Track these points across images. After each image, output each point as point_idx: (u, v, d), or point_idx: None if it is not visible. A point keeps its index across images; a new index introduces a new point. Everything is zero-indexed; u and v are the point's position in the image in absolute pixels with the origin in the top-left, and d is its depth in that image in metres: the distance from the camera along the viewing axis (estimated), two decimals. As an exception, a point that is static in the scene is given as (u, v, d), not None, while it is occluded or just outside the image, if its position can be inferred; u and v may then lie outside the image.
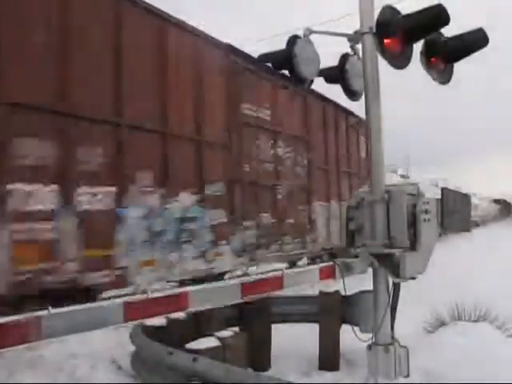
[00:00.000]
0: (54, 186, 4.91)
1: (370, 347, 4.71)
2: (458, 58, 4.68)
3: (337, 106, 12.33)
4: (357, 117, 13.00)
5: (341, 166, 12.79)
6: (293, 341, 6.06)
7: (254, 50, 6.87)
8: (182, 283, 6.76)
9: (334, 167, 12.41)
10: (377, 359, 4.64)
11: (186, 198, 6.64)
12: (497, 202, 52.20)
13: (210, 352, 4.09)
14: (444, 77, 4.79)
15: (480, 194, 41.23)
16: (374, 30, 4.54)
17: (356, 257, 4.91)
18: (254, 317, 5.64)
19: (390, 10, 4.49)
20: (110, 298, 4.64)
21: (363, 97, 4.87)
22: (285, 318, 5.93)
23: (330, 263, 5.16)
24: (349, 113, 13.09)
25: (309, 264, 10.29)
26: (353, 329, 5.13)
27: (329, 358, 5.66)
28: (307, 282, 5.42)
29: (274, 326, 5.84)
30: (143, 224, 5.99)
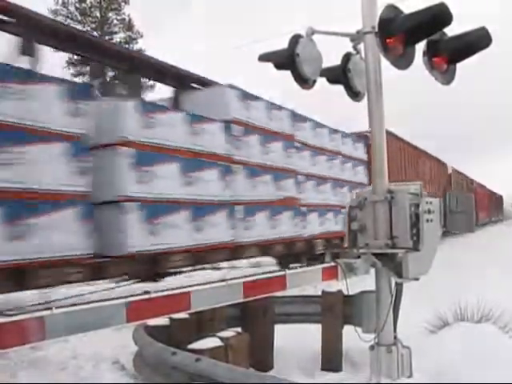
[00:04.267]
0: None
1: (372, 347, 4.70)
2: (460, 59, 4.65)
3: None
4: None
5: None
6: (295, 341, 6.05)
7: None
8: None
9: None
10: (379, 360, 4.63)
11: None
12: (514, 206, 78.65)
13: (212, 352, 4.09)
14: (446, 77, 4.75)
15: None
16: (377, 30, 4.53)
17: (358, 257, 4.91)
18: (257, 317, 5.64)
19: (392, 9, 4.47)
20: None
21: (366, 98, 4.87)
22: (287, 319, 5.93)
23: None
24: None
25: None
26: (355, 329, 5.12)
27: (331, 358, 5.65)
28: (310, 283, 5.41)
29: (276, 326, 5.84)
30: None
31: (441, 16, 4.18)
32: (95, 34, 29.57)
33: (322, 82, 5.19)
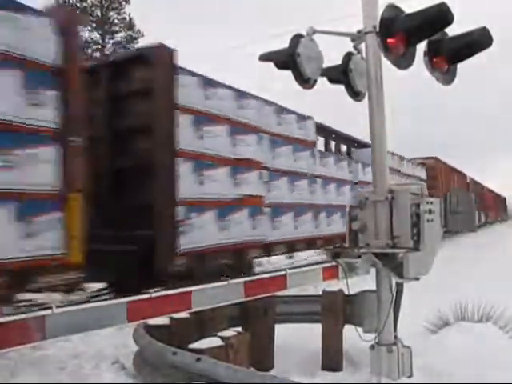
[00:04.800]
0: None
1: (373, 347, 4.70)
2: (461, 59, 4.64)
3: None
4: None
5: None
6: (296, 340, 6.05)
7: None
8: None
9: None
10: (380, 359, 4.63)
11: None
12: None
13: (213, 352, 4.09)
14: (447, 78, 4.75)
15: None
16: (378, 29, 4.52)
17: (359, 257, 4.90)
18: (257, 316, 5.64)
19: (393, 9, 4.47)
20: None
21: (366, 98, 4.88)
22: (288, 318, 5.92)
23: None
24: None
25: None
26: (356, 329, 5.12)
27: (332, 358, 5.64)
28: (311, 283, 5.42)
29: (276, 326, 5.83)
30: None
31: (442, 16, 4.17)
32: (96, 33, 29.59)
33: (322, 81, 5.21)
